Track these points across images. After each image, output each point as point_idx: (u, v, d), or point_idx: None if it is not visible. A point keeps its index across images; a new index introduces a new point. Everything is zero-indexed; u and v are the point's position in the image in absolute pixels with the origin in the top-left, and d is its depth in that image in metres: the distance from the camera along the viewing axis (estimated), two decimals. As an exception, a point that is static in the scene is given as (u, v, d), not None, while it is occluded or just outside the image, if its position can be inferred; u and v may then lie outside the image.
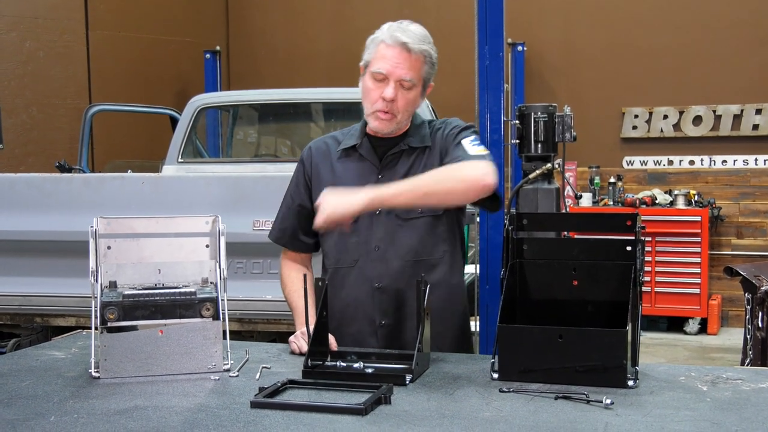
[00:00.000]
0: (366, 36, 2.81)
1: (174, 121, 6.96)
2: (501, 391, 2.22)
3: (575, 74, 9.55)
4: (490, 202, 2.73)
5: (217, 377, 2.42)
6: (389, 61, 2.69)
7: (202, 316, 2.46)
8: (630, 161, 9.44)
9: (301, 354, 2.63)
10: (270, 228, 3.04)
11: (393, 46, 2.69)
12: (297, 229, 2.94)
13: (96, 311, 2.41)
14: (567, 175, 6.50)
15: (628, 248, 2.44)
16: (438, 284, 2.75)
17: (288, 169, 3.04)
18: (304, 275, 2.58)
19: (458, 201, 2.74)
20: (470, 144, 2.73)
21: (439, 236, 2.82)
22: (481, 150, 2.71)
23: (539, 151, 4.93)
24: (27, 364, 2.60)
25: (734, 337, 8.27)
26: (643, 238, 2.43)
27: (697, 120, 9.18)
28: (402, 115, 2.75)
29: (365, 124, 2.86)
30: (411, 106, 2.77)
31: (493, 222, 5.11)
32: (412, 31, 2.72)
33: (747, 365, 4.25)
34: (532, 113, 4.92)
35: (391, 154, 2.81)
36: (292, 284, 2.93)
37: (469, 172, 2.60)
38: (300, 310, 2.73)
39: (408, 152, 2.82)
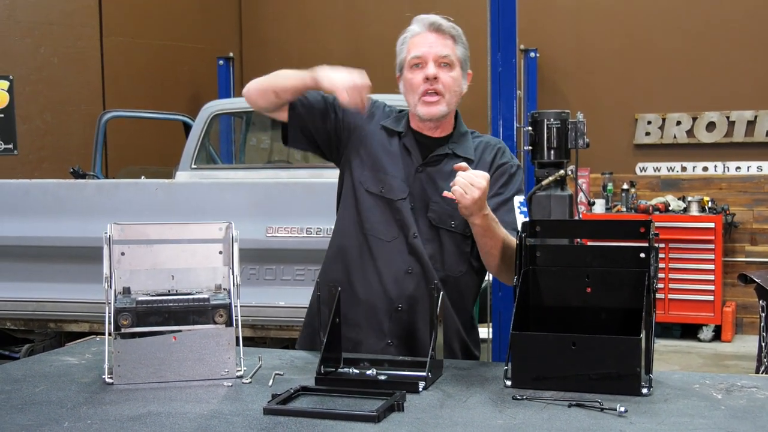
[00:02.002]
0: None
1: (187, 128, 6.98)
2: (514, 398, 2.21)
3: (588, 80, 9.54)
4: None
5: (230, 383, 2.42)
6: (423, 44, 2.73)
7: (215, 323, 2.46)
8: (643, 167, 9.41)
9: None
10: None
11: (422, 31, 2.75)
12: (306, 115, 2.88)
13: (110, 317, 2.41)
14: (580, 181, 6.48)
15: (642, 255, 2.43)
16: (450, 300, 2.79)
17: (301, 176, 3.04)
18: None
19: (491, 267, 2.77)
20: (520, 212, 2.80)
21: (467, 256, 2.83)
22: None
23: (552, 158, 4.91)
24: (41, 369, 2.61)
25: (749, 344, 8.23)
26: (656, 244, 2.42)
27: (711, 126, 9.15)
28: (449, 95, 2.75)
29: (408, 119, 2.84)
30: (456, 86, 2.77)
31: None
32: (438, 17, 2.77)
33: (762, 373, 4.23)
34: (545, 120, 4.90)
35: (436, 155, 2.80)
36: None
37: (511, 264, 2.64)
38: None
39: (451, 157, 2.80)
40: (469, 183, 2.50)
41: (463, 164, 2.58)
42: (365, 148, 2.84)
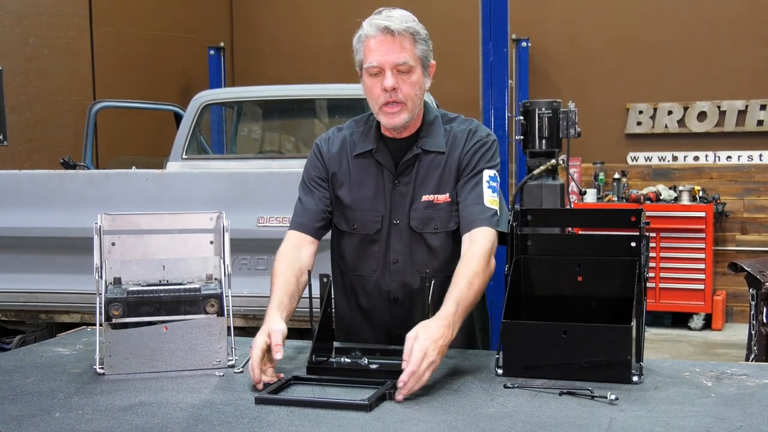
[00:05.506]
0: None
1: (178, 118, 6.96)
2: (505, 386, 2.22)
3: (579, 70, 9.54)
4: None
5: (221, 373, 2.42)
6: (378, 51, 2.60)
7: (206, 313, 2.46)
8: (634, 157, 9.43)
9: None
10: (290, 221, 2.90)
11: (376, 35, 2.60)
12: (319, 219, 2.80)
13: (101, 308, 2.41)
14: (571, 171, 6.50)
15: (633, 244, 2.44)
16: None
17: (292, 166, 3.03)
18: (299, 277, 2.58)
19: None
20: (488, 187, 2.68)
21: (457, 251, 2.70)
22: (495, 200, 2.67)
23: (543, 147, 4.94)
24: (32, 360, 2.60)
25: (739, 332, 8.26)
26: (647, 233, 2.43)
27: (702, 116, 9.17)
28: (411, 101, 2.63)
29: (378, 125, 2.77)
30: (417, 89, 2.65)
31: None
32: (392, 15, 2.64)
33: (751, 361, 4.25)
34: (537, 109, 4.92)
35: (405, 161, 2.73)
36: (282, 268, 2.64)
37: (486, 273, 2.52)
38: (275, 300, 2.54)
39: (421, 156, 2.73)
40: (427, 367, 2.18)
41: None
42: (336, 190, 2.81)
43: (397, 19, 2.62)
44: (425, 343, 2.20)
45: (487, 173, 2.70)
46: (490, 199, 2.67)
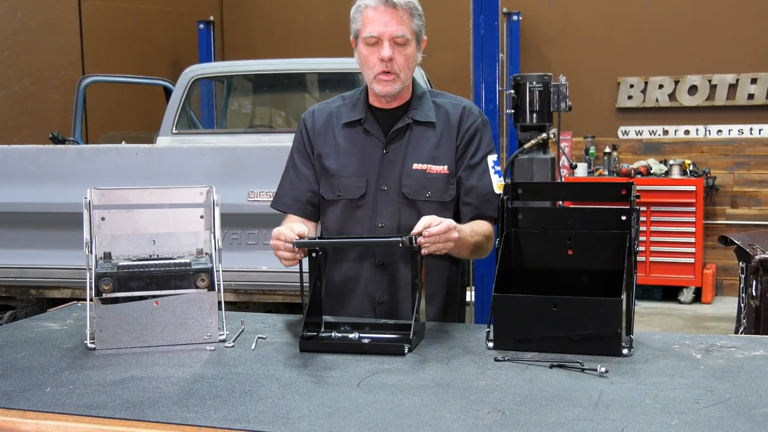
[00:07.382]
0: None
1: (168, 92, 6.93)
2: (496, 360, 2.22)
3: (571, 44, 9.51)
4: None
5: (212, 348, 2.42)
6: (378, 22, 2.67)
7: (197, 287, 2.46)
8: (625, 131, 9.43)
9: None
10: (272, 197, 2.96)
11: (377, 6, 2.68)
12: (308, 197, 2.88)
13: (91, 283, 2.40)
14: (562, 145, 6.50)
15: (623, 217, 2.44)
16: (437, 267, 2.81)
17: (283, 140, 3.02)
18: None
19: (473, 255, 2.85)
20: (494, 173, 2.81)
21: None
22: (501, 184, 2.77)
23: (534, 121, 4.94)
24: (22, 335, 2.60)
25: (728, 305, 8.31)
26: (637, 207, 2.43)
27: (693, 89, 9.16)
28: (404, 73, 2.72)
29: (367, 96, 2.84)
30: (411, 62, 2.74)
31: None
32: None
33: (741, 333, 4.27)
34: (528, 83, 4.92)
35: (396, 129, 2.80)
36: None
37: (483, 246, 2.76)
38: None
39: (412, 126, 2.80)
40: (443, 240, 2.46)
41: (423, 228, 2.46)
42: (323, 162, 2.85)
43: None
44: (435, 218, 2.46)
45: (491, 158, 2.83)
46: (499, 185, 2.79)
